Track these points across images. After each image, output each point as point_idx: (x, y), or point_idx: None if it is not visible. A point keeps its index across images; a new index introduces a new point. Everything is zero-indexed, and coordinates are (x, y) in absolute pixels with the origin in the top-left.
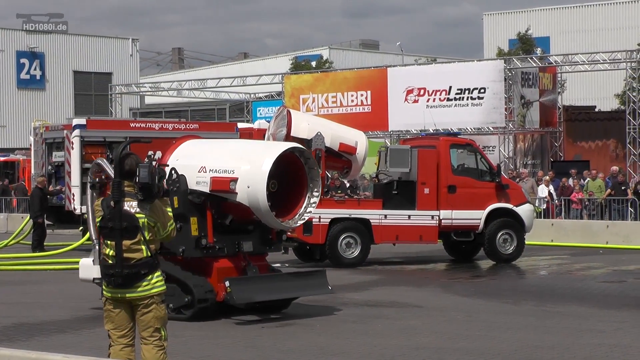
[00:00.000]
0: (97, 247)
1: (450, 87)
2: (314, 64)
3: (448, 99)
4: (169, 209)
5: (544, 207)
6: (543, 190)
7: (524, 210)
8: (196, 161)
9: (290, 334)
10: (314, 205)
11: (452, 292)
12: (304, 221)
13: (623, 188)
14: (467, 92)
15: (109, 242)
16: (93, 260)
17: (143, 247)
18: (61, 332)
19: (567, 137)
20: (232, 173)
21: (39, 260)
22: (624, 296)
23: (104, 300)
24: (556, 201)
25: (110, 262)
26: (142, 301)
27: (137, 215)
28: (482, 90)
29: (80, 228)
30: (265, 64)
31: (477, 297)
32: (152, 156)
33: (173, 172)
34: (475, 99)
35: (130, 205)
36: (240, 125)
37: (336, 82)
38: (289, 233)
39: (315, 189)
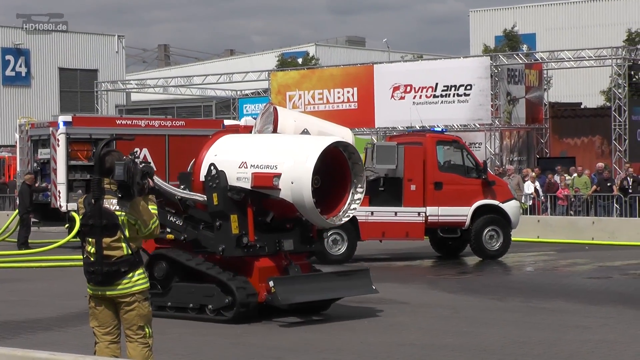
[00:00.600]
0: None
1: (437, 84)
2: (300, 60)
3: (434, 96)
4: (153, 207)
5: (530, 204)
6: (529, 187)
7: (510, 207)
8: (236, 156)
9: (277, 331)
10: (358, 201)
11: (439, 288)
12: (348, 218)
13: (609, 184)
14: (453, 88)
15: (90, 239)
16: None
17: (123, 244)
18: (47, 330)
19: (553, 134)
20: (274, 168)
21: (25, 257)
22: (609, 292)
23: (88, 297)
24: (542, 197)
25: (92, 259)
26: (124, 299)
27: (117, 213)
28: (469, 87)
29: (66, 225)
30: (251, 60)
31: (464, 293)
32: (136, 153)
33: (212, 168)
34: (461, 95)
35: (111, 203)
36: (227, 122)
37: (322, 78)
38: None
39: (360, 185)
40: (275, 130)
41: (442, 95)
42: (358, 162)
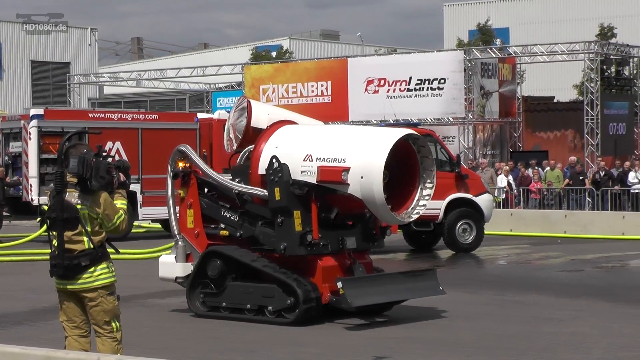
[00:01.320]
0: (180, 242)
1: (410, 78)
2: (274, 54)
3: (408, 90)
4: (123, 201)
5: (503, 197)
6: (502, 180)
7: (483, 200)
8: (300, 149)
9: (249, 325)
10: (427, 198)
11: None
12: (417, 215)
13: (581, 178)
14: (427, 82)
15: (53, 232)
16: (175, 257)
17: (84, 238)
18: (18, 324)
19: (526, 128)
20: (343, 162)
21: None
22: (582, 285)
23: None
24: (515, 191)
25: (56, 252)
26: (87, 294)
27: (78, 207)
28: (442, 81)
29: (38, 219)
30: (225, 54)
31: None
32: (102, 147)
33: (274, 160)
34: (435, 89)
35: (73, 196)
36: (200, 115)
37: (296, 72)
38: None
39: (429, 180)
40: (249, 124)
41: (415, 89)
42: (428, 155)
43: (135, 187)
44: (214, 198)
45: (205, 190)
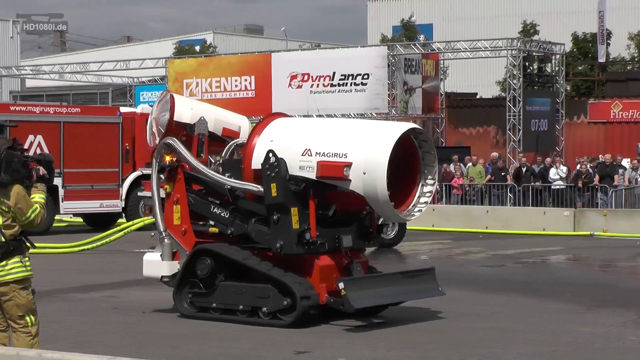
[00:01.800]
0: (166, 240)
1: (334, 73)
2: (197, 48)
3: (332, 85)
4: (41, 195)
5: None
6: None
7: None
8: (297, 143)
9: (170, 320)
10: (428, 195)
11: None
12: (420, 213)
13: (503, 174)
14: (350, 78)
15: None
16: (161, 256)
17: None
18: None
19: (449, 124)
20: (344, 157)
21: None
22: (503, 280)
23: None
24: (437, 186)
25: None
26: None
27: None
28: (366, 77)
29: None
30: (148, 47)
31: None
32: (17, 140)
33: (271, 155)
34: (358, 84)
35: None
36: (123, 109)
37: (220, 67)
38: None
39: (430, 177)
40: (172, 118)
41: (339, 84)
42: (430, 151)
43: (56, 180)
44: (202, 194)
45: (192, 185)
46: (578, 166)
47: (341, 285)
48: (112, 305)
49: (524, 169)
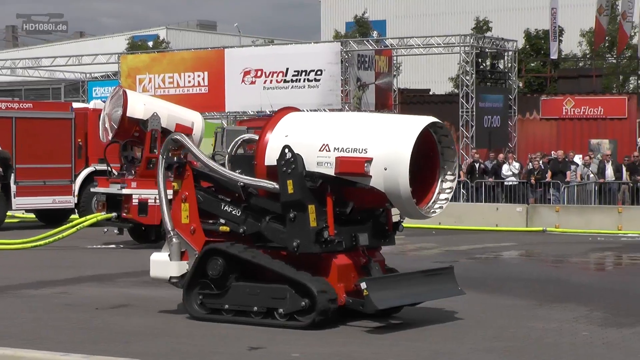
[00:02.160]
0: (174, 239)
1: (287, 69)
2: (150, 44)
3: (285, 81)
4: None
5: None
6: None
7: None
8: (314, 138)
9: (124, 315)
10: (449, 191)
11: None
12: (441, 210)
13: None
14: (304, 74)
15: None
16: (169, 256)
17: None
18: None
19: None
20: (364, 152)
21: None
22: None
23: None
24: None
25: None
26: None
27: None
28: (319, 73)
29: None
30: (101, 43)
31: None
32: None
33: (287, 150)
34: (312, 80)
35: None
36: (75, 105)
37: (173, 62)
38: (123, 214)
39: (449, 172)
40: (125, 114)
41: (292, 80)
42: (450, 146)
43: None
44: (212, 191)
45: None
46: (530, 163)
47: (363, 285)
48: (65, 302)
49: (477, 165)
